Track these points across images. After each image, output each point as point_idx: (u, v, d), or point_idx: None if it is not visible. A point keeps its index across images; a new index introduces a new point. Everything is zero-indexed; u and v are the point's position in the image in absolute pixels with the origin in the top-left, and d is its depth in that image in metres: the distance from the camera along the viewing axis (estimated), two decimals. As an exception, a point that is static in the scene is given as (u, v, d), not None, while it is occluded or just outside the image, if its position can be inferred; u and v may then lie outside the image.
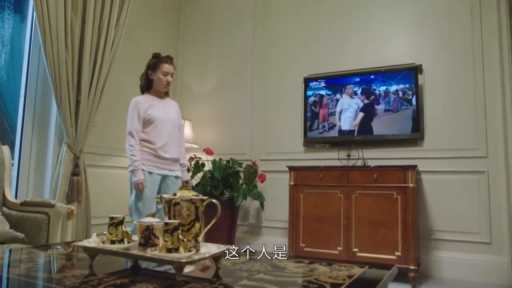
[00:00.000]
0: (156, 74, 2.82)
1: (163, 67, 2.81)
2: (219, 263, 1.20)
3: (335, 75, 3.78)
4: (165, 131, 2.80)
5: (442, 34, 3.44)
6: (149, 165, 2.73)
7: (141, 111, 2.74)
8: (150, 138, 2.75)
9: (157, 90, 2.87)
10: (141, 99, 2.81)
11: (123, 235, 1.24)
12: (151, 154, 2.74)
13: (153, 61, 2.85)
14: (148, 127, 2.75)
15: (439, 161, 3.35)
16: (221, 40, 4.54)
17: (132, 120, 2.74)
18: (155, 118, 2.76)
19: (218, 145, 4.22)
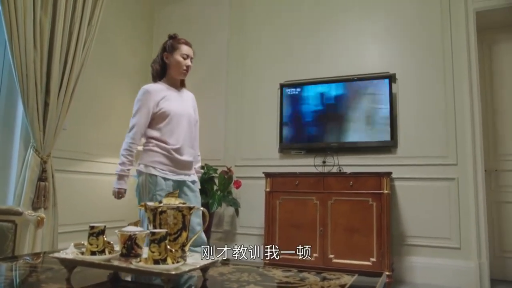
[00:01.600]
0: (173, 57, 2.32)
1: (183, 48, 2.35)
2: (207, 273, 1.15)
3: (311, 82, 3.81)
4: (181, 129, 2.28)
5: (415, 45, 3.55)
6: (162, 169, 2.19)
7: (152, 103, 2.22)
8: (163, 136, 2.23)
9: (173, 77, 2.36)
10: (154, 87, 2.28)
11: (104, 246, 1.17)
12: (164, 155, 2.21)
13: (170, 42, 2.36)
14: (161, 123, 2.24)
15: (411, 168, 3.43)
16: (196, 45, 4.42)
17: (138, 112, 2.23)
18: (170, 112, 2.24)
19: (192, 150, 4.14)
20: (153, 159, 2.19)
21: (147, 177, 2.18)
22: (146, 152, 2.23)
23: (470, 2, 3.37)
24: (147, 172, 2.18)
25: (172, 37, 2.39)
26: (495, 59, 3.60)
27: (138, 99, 2.25)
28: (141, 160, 2.23)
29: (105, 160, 3.94)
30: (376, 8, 3.75)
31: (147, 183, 2.17)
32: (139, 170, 2.21)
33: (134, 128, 2.21)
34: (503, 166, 3.46)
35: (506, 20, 3.50)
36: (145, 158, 2.22)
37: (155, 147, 2.21)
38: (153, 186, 2.16)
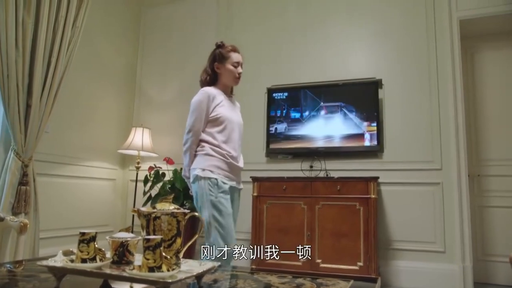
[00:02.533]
0: (225, 67, 2.27)
1: (233, 56, 2.29)
2: (201, 281, 1.13)
3: (298, 87, 3.82)
4: (235, 136, 2.25)
5: (401, 51, 3.60)
6: (219, 173, 2.12)
7: (211, 106, 2.17)
8: (220, 141, 2.16)
9: (226, 84, 2.32)
10: (213, 91, 2.21)
11: (95, 253, 1.13)
12: (221, 160, 2.14)
13: (219, 52, 2.29)
14: (216, 127, 2.18)
15: (397, 172, 3.46)
16: (183, 48, 4.44)
17: (196, 113, 2.15)
18: (226, 118, 2.19)
19: (178, 154, 4.07)
20: (211, 163, 2.11)
21: (207, 181, 2.07)
22: (202, 156, 2.14)
23: (454, 10, 3.45)
24: (205, 176, 2.08)
25: (220, 45, 2.32)
26: (478, 66, 3.68)
27: (197, 100, 2.18)
28: (197, 164, 2.13)
29: (88, 164, 3.86)
30: (363, 14, 3.80)
31: (208, 187, 2.06)
32: (196, 174, 2.10)
33: (193, 129, 2.16)
34: (485, 171, 3.53)
35: (488, 29, 3.59)
36: (202, 162, 2.12)
37: (212, 151, 2.14)
38: (215, 189, 2.06)
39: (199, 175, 2.09)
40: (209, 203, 2.05)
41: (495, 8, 3.36)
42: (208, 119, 2.17)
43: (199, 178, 2.09)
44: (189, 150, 2.17)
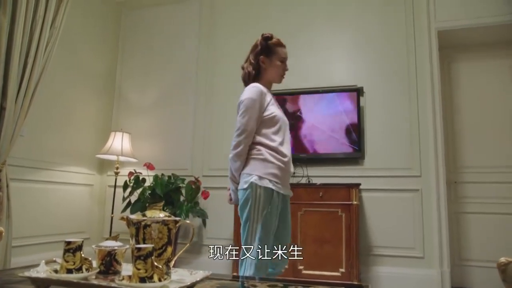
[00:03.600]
0: (271, 61, 2.07)
1: (281, 51, 2.10)
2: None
3: (280, 93, 3.82)
4: (288, 137, 2.03)
5: (382, 60, 3.66)
6: (277, 182, 1.88)
7: (264, 104, 1.94)
8: (277, 143, 1.94)
9: (269, 81, 2.10)
10: (263, 88, 1.97)
11: (82, 262, 1.08)
12: (279, 167, 1.90)
13: (266, 44, 2.10)
14: (272, 128, 1.96)
15: (378, 179, 3.51)
16: (164, 52, 4.39)
17: (249, 112, 1.90)
18: (280, 118, 1.98)
19: (158, 160, 4.03)
20: (269, 170, 1.87)
21: (263, 191, 1.84)
22: (259, 162, 1.90)
23: (432, 21, 3.54)
24: (262, 185, 1.84)
25: (268, 38, 2.13)
26: (454, 76, 3.79)
27: (250, 97, 1.92)
28: (253, 170, 1.88)
29: (65, 169, 3.74)
30: (345, 22, 3.85)
31: (263, 198, 1.84)
32: (252, 182, 1.85)
33: (247, 130, 1.90)
34: (462, 178, 3.62)
35: (464, 40, 3.70)
36: (260, 168, 1.88)
37: (269, 156, 1.90)
38: (268, 203, 1.84)
39: (256, 183, 1.84)
40: (259, 217, 1.83)
41: (470, 20, 3.48)
42: (262, 118, 1.94)
43: (254, 186, 1.84)
44: (242, 155, 1.91)
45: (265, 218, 1.83)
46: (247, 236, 1.85)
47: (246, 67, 2.11)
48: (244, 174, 1.90)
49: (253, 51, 2.11)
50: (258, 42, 2.12)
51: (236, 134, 1.92)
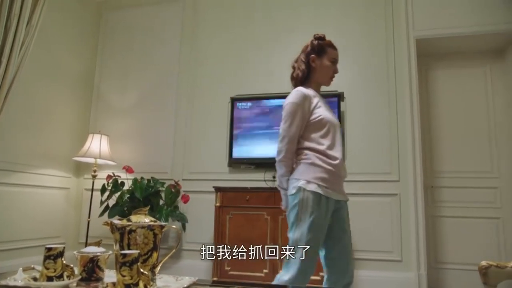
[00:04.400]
0: (322, 61, 2.02)
1: (332, 52, 2.05)
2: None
3: (261, 97, 3.83)
4: (338, 140, 1.95)
5: (362, 66, 3.72)
6: (326, 186, 1.82)
7: (309, 108, 1.89)
8: (326, 146, 1.87)
9: (319, 82, 2.05)
10: (309, 91, 1.93)
11: (63, 270, 1.04)
12: (328, 171, 1.84)
13: (318, 43, 2.05)
14: (319, 131, 1.89)
15: (357, 184, 3.55)
16: (145, 54, 4.33)
17: (294, 117, 1.86)
18: (328, 120, 1.91)
19: (137, 163, 3.96)
20: (317, 174, 1.81)
21: (310, 195, 1.79)
22: (307, 166, 1.85)
23: (411, 30, 3.63)
24: (310, 189, 1.80)
25: (320, 38, 2.08)
26: (431, 83, 3.89)
27: (294, 102, 1.88)
28: (301, 175, 1.84)
29: (40, 172, 3.63)
30: (326, 27, 3.87)
31: (310, 202, 1.78)
32: (300, 186, 1.81)
33: (289, 136, 1.87)
34: (438, 183, 3.71)
35: (441, 49, 3.80)
36: (307, 172, 1.83)
37: (317, 160, 1.84)
38: (315, 207, 1.79)
39: (304, 187, 1.80)
40: (306, 221, 1.77)
41: (447, 30, 3.58)
42: (308, 123, 1.90)
43: (302, 190, 1.80)
44: (284, 161, 1.87)
45: (312, 223, 1.76)
46: (293, 239, 1.79)
47: (298, 67, 2.05)
48: (292, 179, 1.86)
49: (304, 50, 2.06)
50: (309, 41, 2.08)
51: (279, 140, 1.90)
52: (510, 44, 3.61)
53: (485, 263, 1.16)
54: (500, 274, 1.14)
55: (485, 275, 1.14)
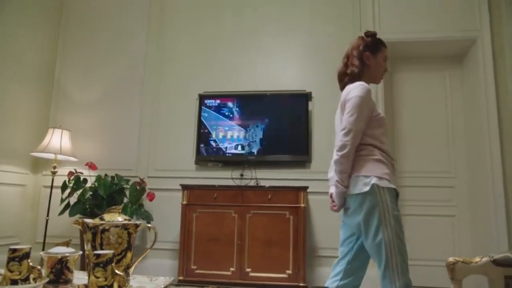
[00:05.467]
0: (375, 59, 1.94)
1: (384, 50, 1.98)
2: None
3: (230, 95, 3.81)
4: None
5: (330, 67, 3.76)
6: (392, 181, 1.74)
7: (373, 104, 1.83)
8: (386, 146, 1.83)
9: (370, 80, 1.97)
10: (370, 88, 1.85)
11: (29, 272, 0.98)
12: (391, 167, 1.79)
13: (372, 41, 1.97)
14: (379, 129, 1.84)
15: (323, 182, 3.59)
16: (110, 49, 4.17)
17: (361, 112, 1.75)
18: (384, 120, 1.87)
19: (100, 159, 3.82)
20: (384, 170, 1.73)
21: (386, 191, 1.69)
22: (373, 162, 1.75)
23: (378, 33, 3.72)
24: (385, 185, 1.70)
25: (373, 34, 1.99)
26: (395, 86, 4.02)
27: (362, 95, 1.77)
28: (370, 171, 1.72)
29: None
30: (295, 27, 3.93)
31: (389, 198, 1.68)
32: (374, 183, 1.69)
33: (355, 130, 1.74)
34: (402, 183, 3.84)
35: (405, 53, 3.93)
36: (376, 169, 1.73)
37: (382, 157, 1.76)
38: (395, 202, 1.70)
39: (378, 184, 1.68)
40: (394, 219, 1.66)
41: (411, 35, 3.71)
42: (371, 119, 1.81)
43: (377, 188, 1.68)
44: (349, 156, 1.74)
45: (397, 218, 1.69)
46: (388, 242, 1.64)
47: (352, 63, 1.94)
48: (360, 176, 1.73)
49: (356, 47, 1.96)
50: (361, 38, 1.99)
51: (343, 133, 1.76)
52: (467, 51, 3.80)
53: (453, 259, 1.21)
54: (466, 269, 1.19)
55: (453, 270, 1.19)
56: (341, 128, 1.77)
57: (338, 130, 1.87)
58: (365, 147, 1.79)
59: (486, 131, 3.48)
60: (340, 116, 1.84)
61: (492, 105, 3.48)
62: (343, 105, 1.82)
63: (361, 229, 1.71)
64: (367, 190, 1.68)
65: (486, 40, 3.58)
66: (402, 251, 1.66)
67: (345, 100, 1.81)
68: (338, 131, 1.87)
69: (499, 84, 3.50)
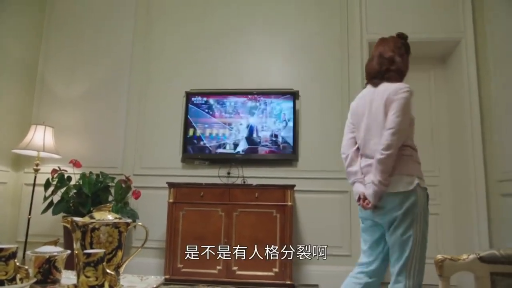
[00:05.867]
0: (408, 61, 2.02)
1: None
2: (144, 298, 1.03)
3: (217, 92, 3.80)
4: None
5: (318, 66, 3.81)
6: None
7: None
8: (414, 144, 1.89)
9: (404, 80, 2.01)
10: None
11: (16, 272, 0.96)
12: (420, 165, 1.86)
13: (407, 43, 2.02)
14: (412, 131, 1.91)
15: (310, 181, 3.63)
16: (96, 46, 4.10)
17: (405, 114, 1.79)
18: (414, 120, 1.92)
19: (85, 157, 3.75)
20: (421, 172, 1.81)
21: (424, 193, 1.78)
22: (413, 162, 1.81)
23: (364, 33, 3.77)
24: (423, 186, 1.79)
25: (406, 37, 2.03)
26: (381, 85, 4.06)
27: (408, 98, 1.80)
28: (413, 171, 1.78)
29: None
30: (283, 26, 3.94)
31: (424, 199, 1.77)
32: (417, 183, 1.75)
33: (402, 130, 1.77)
34: (384, 181, 3.89)
35: (390, 52, 3.98)
36: (417, 169, 1.81)
37: (418, 158, 1.84)
38: (427, 204, 1.79)
39: (420, 184, 1.76)
40: (425, 220, 1.75)
41: (397, 35, 3.75)
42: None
43: (418, 188, 1.75)
44: (393, 156, 1.75)
45: (427, 220, 1.76)
46: (415, 240, 1.72)
47: (394, 61, 1.93)
48: (404, 175, 1.77)
49: (398, 47, 1.98)
50: (394, 38, 2.02)
51: (390, 133, 1.75)
52: (451, 51, 3.86)
53: (441, 256, 1.23)
54: (454, 266, 1.21)
55: (441, 267, 1.21)
56: (387, 127, 1.77)
57: (372, 126, 1.86)
58: (405, 147, 1.81)
59: (469, 130, 3.55)
60: (383, 113, 1.81)
61: (475, 105, 3.55)
62: (388, 103, 1.81)
63: (393, 224, 1.76)
64: (411, 189, 1.73)
65: (469, 41, 3.65)
66: (424, 251, 1.73)
67: (390, 99, 1.80)
68: (372, 127, 1.86)
69: (482, 84, 3.58)
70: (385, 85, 1.87)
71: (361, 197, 1.85)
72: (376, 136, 1.82)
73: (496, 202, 3.36)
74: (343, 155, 2.01)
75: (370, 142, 1.85)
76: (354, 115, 1.98)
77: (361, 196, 1.85)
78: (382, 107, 1.81)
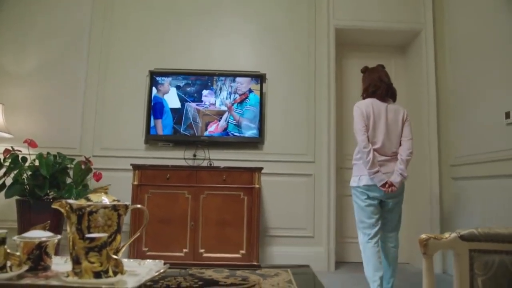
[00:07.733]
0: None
1: None
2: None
3: (182, 72, 3.69)
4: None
5: (285, 50, 3.81)
6: None
7: None
8: None
9: None
10: None
11: (6, 259, 0.89)
12: None
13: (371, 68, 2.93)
14: None
15: (276, 164, 3.67)
16: (50, 18, 3.80)
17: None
18: None
19: (40, 136, 3.50)
20: None
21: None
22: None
23: (331, 18, 3.81)
24: None
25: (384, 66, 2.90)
26: (345, 71, 4.16)
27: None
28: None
29: None
30: (251, 8, 3.88)
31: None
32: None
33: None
34: (345, 165, 4.02)
35: (355, 39, 4.07)
36: None
37: None
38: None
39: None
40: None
41: (362, 22, 3.84)
42: None
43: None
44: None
45: None
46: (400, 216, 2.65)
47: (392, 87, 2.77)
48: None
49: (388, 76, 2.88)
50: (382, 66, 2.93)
51: (411, 142, 2.56)
52: (411, 41, 4.02)
53: (425, 235, 1.29)
54: (437, 245, 1.28)
55: (426, 246, 1.27)
56: (410, 137, 2.56)
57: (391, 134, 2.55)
58: None
59: (426, 118, 3.74)
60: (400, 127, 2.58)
61: (432, 94, 3.74)
62: (403, 119, 2.59)
63: (398, 202, 2.57)
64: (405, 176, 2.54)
65: (429, 32, 3.81)
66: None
67: (405, 118, 2.59)
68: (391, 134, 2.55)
69: (439, 74, 3.77)
70: (397, 106, 2.65)
71: (388, 183, 2.43)
72: (393, 141, 2.54)
73: (448, 185, 3.59)
74: (366, 149, 2.47)
75: (387, 145, 2.52)
76: (367, 119, 2.54)
77: (389, 182, 2.43)
78: (400, 123, 2.57)
